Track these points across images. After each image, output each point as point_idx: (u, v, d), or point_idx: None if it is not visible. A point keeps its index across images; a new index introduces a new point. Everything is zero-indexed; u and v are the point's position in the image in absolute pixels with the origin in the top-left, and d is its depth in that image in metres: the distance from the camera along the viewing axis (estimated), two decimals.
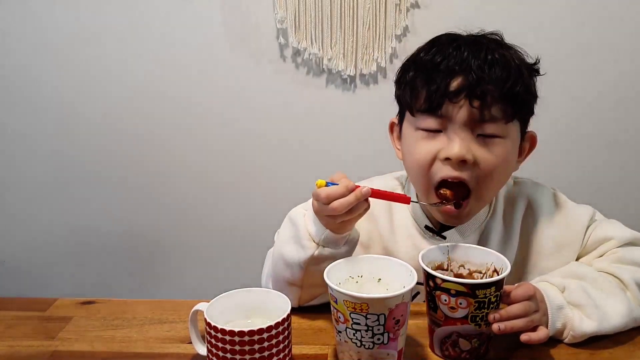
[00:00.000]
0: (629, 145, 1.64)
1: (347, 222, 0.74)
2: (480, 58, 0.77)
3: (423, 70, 0.80)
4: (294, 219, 0.81)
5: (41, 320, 0.84)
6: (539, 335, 0.70)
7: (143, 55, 1.64)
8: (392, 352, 0.68)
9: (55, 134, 1.73)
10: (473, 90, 0.76)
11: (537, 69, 0.84)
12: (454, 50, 0.78)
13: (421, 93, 0.79)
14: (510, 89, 0.77)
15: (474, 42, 0.80)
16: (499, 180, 0.83)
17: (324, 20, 1.56)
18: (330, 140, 1.68)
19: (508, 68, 0.77)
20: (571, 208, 0.91)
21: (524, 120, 0.83)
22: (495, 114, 0.77)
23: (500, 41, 0.83)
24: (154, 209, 1.79)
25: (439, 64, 0.78)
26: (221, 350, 0.65)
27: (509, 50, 0.81)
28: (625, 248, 0.85)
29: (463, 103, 0.76)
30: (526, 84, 0.79)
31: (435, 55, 0.80)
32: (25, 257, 1.86)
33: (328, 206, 0.71)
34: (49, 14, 1.62)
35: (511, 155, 0.82)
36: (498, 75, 0.76)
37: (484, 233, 0.89)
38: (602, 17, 1.54)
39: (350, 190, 0.71)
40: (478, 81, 0.76)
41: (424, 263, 0.72)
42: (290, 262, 0.79)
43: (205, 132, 1.70)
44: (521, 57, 0.82)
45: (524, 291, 0.72)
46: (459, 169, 0.78)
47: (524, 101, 0.79)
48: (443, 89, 0.77)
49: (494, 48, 0.79)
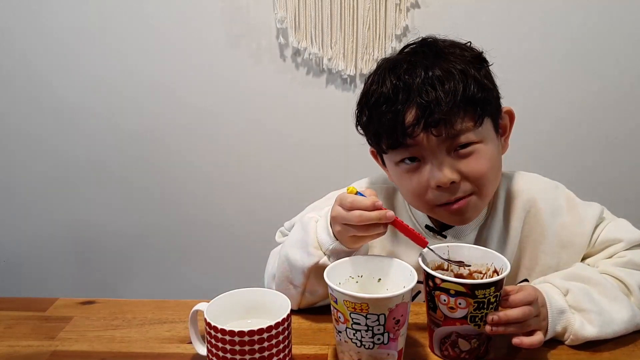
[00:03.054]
0: (628, 145, 1.64)
1: (359, 238, 0.73)
2: (422, 79, 0.75)
3: (374, 111, 0.79)
4: (305, 224, 0.81)
5: (41, 320, 0.84)
6: (531, 340, 0.70)
7: (143, 55, 1.64)
8: (392, 352, 0.68)
9: (56, 133, 1.73)
10: (428, 119, 0.74)
11: (484, 59, 0.81)
12: (397, 80, 0.77)
13: (381, 135, 0.79)
14: (463, 97, 0.75)
15: (410, 64, 0.78)
16: (494, 177, 0.83)
17: (324, 20, 1.56)
18: (330, 140, 1.68)
19: (452, 77, 0.75)
20: (579, 206, 0.89)
21: (493, 113, 0.81)
22: (460, 127, 0.76)
23: (436, 50, 0.80)
24: (154, 209, 1.79)
25: (386, 102, 0.77)
26: (221, 350, 0.65)
27: (447, 56, 0.78)
28: (633, 251, 0.83)
29: (424, 134, 0.75)
30: (477, 82, 0.76)
31: (381, 91, 0.78)
32: (26, 257, 1.87)
33: (349, 213, 0.71)
34: (49, 13, 1.63)
35: (493, 151, 0.81)
36: (446, 90, 0.74)
37: (484, 231, 0.89)
38: (602, 17, 1.54)
39: (375, 207, 0.70)
40: (430, 107, 0.74)
41: (424, 263, 0.72)
42: (295, 266, 0.79)
43: (206, 132, 1.70)
44: (463, 55, 0.79)
45: (524, 296, 0.71)
46: (453, 189, 0.78)
47: (483, 100, 0.77)
48: (400, 128, 0.76)
49: (432, 63, 0.77)
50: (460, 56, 0.79)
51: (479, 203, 0.82)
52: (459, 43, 0.82)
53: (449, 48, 0.80)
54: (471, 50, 0.82)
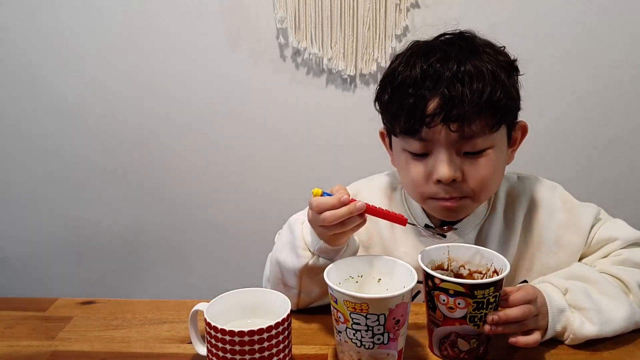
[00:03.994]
0: (628, 145, 1.64)
1: (339, 235, 0.73)
2: (452, 72, 0.74)
3: (397, 91, 0.79)
4: (292, 225, 0.81)
5: (41, 320, 0.84)
6: (527, 340, 0.70)
7: (143, 55, 1.64)
8: (392, 352, 0.68)
9: (55, 132, 1.73)
10: (449, 112, 0.74)
11: (516, 67, 0.81)
12: (427, 66, 0.76)
13: (399, 117, 0.78)
14: (488, 100, 0.74)
15: (445, 54, 0.77)
16: (494, 183, 0.83)
17: (324, 20, 1.56)
18: (330, 140, 1.68)
19: (482, 77, 0.74)
20: (576, 206, 0.89)
21: (511, 121, 0.82)
22: (477, 129, 0.75)
23: (472, 46, 0.79)
24: (154, 209, 1.79)
25: (412, 85, 0.76)
26: (221, 351, 0.65)
27: (481, 55, 0.77)
28: (630, 249, 0.84)
29: (441, 127, 0.75)
30: (505, 88, 0.76)
31: (408, 74, 0.77)
32: (26, 256, 1.87)
33: (320, 216, 0.71)
34: (50, 13, 1.62)
35: (500, 159, 0.81)
36: (473, 89, 0.73)
37: (483, 231, 0.89)
38: (602, 16, 1.54)
39: (342, 203, 0.70)
40: (453, 101, 0.73)
41: (423, 262, 0.72)
42: (286, 268, 0.80)
43: (206, 132, 1.70)
44: (497, 58, 0.78)
45: (523, 295, 0.71)
46: (451, 187, 0.78)
47: (505, 107, 0.76)
48: (419, 115, 0.75)
49: (466, 58, 0.76)
50: (494, 57, 0.78)
51: (471, 206, 0.83)
52: (495, 45, 0.82)
53: (484, 47, 0.79)
54: (505, 55, 0.81)
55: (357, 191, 0.92)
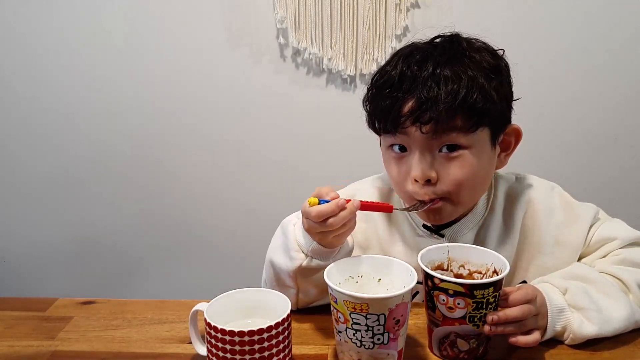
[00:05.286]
0: (627, 144, 1.64)
1: (340, 236, 0.74)
2: (428, 74, 0.76)
3: (377, 92, 0.81)
4: (285, 227, 0.82)
5: (41, 320, 0.84)
6: (527, 339, 0.70)
7: (143, 55, 1.64)
8: (392, 352, 0.68)
9: (56, 133, 1.73)
10: (422, 114, 0.75)
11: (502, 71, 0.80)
12: (406, 68, 0.78)
13: (377, 117, 0.80)
14: (463, 101, 0.74)
15: (424, 57, 0.78)
16: (473, 187, 0.82)
17: (324, 20, 1.56)
18: (330, 140, 1.68)
19: (458, 80, 0.75)
20: (574, 206, 0.90)
21: (494, 125, 0.81)
22: (451, 129, 0.76)
23: (456, 50, 0.79)
24: (154, 209, 1.79)
25: (390, 87, 0.78)
26: (221, 351, 0.65)
27: (463, 59, 0.78)
28: (629, 249, 0.84)
29: (415, 128, 0.76)
30: (483, 91, 0.76)
31: (389, 75, 0.79)
32: (26, 257, 1.87)
33: (325, 223, 0.71)
34: (50, 13, 1.63)
35: (481, 162, 0.80)
36: (447, 90, 0.74)
37: (482, 231, 0.89)
38: (602, 16, 1.54)
39: (341, 207, 0.71)
40: (427, 103, 0.75)
41: (423, 263, 0.72)
42: (281, 270, 0.80)
43: (206, 131, 1.70)
44: (480, 63, 0.78)
45: (523, 295, 0.71)
46: (426, 187, 0.79)
47: (482, 110, 0.76)
48: (393, 116, 0.77)
49: (445, 61, 0.77)
50: (477, 62, 0.78)
51: (451, 210, 0.82)
52: (487, 48, 0.81)
53: (472, 51, 0.80)
54: (497, 58, 0.81)
55: (352, 194, 0.91)
